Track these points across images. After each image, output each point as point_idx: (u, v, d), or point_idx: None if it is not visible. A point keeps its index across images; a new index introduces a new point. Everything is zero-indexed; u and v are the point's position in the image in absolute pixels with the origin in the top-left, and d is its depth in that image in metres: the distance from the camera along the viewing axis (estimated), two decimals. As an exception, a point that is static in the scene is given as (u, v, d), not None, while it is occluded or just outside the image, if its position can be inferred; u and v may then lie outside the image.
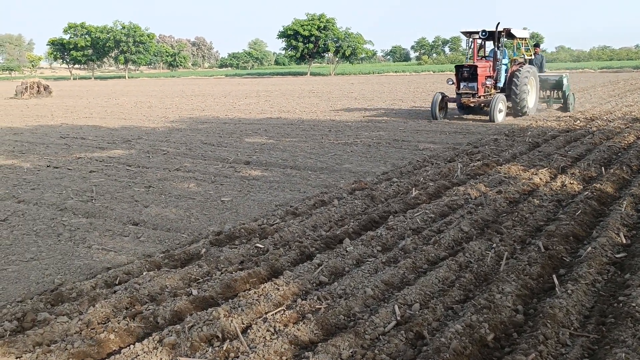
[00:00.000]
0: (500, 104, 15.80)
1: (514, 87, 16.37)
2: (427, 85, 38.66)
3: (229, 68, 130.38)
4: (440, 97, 16.81)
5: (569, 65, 69.20)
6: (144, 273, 4.76)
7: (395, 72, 72.74)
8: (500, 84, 16.75)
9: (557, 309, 3.73)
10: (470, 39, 17.30)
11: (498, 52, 16.69)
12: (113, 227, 6.42)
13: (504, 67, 16.94)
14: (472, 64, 16.59)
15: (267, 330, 3.67)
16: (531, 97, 17.24)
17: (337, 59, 78.60)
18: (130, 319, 3.86)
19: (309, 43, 74.08)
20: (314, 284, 4.46)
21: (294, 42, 74.53)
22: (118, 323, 3.79)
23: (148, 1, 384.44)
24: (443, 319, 3.84)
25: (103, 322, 3.90)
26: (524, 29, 18.02)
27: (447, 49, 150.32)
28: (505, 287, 4.10)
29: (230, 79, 74.62)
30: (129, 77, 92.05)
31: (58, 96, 36.56)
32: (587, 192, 6.65)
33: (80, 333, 3.74)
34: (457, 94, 16.69)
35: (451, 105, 17.34)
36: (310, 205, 6.87)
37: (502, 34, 16.29)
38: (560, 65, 71.72)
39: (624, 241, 5.18)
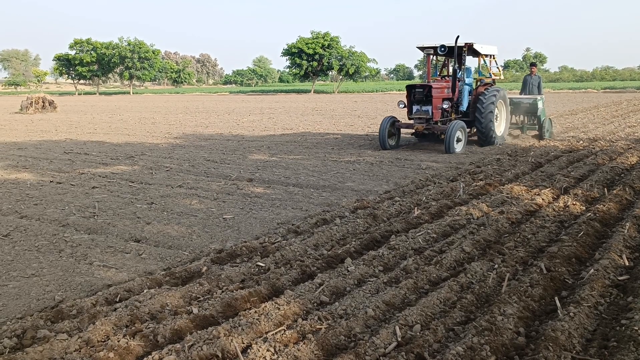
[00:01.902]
0: (459, 132, 13.52)
1: (478, 112, 14.30)
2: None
3: (233, 85, 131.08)
4: (390, 121, 14.46)
5: (571, 86, 69.48)
6: (145, 291, 4.75)
7: (399, 90, 72.86)
8: (463, 108, 14.70)
9: (559, 331, 3.71)
10: (430, 55, 15.05)
11: (458, 70, 14.59)
12: (115, 244, 6.42)
13: (467, 89, 14.80)
14: (425, 83, 14.29)
15: (267, 350, 3.65)
16: (500, 123, 15.17)
17: (340, 77, 78.93)
18: (130, 337, 3.84)
19: (313, 61, 74.48)
20: (315, 304, 4.45)
21: (298, 60, 74.92)
22: (118, 341, 3.77)
23: (154, 18, 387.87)
24: (444, 340, 3.82)
25: (103, 340, 3.88)
26: (491, 45, 15.74)
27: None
28: (507, 308, 4.08)
29: (234, 95, 74.98)
30: (133, 93, 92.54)
31: (63, 111, 36.75)
32: (589, 214, 6.64)
33: (80, 351, 3.73)
34: (409, 118, 14.53)
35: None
36: (312, 223, 6.86)
37: (464, 49, 14.30)
38: (563, 85, 72.01)
39: (627, 263, 5.16)
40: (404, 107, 14.58)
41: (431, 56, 15.12)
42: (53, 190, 9.45)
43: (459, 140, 13.55)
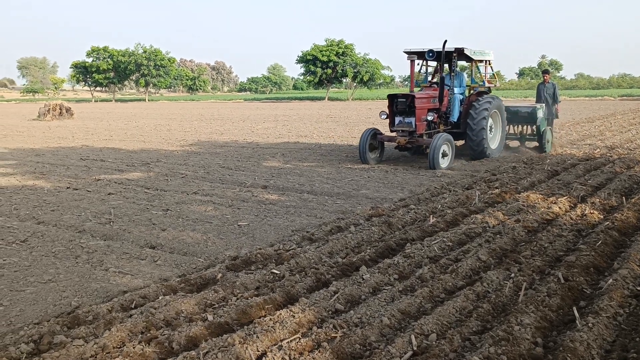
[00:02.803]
0: (445, 146, 12.21)
1: (469, 123, 13.17)
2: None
3: (248, 92, 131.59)
4: (371, 134, 13.14)
5: (588, 93, 68.93)
6: (160, 297, 4.76)
7: (413, 97, 72.82)
8: (453, 119, 13.53)
9: (578, 342, 3.66)
10: (414, 61, 13.35)
11: (447, 77, 13.75)
12: (130, 250, 6.45)
13: (457, 98, 13.61)
14: (408, 93, 12.87)
15: (282, 358, 3.64)
16: (495, 135, 14.01)
17: (355, 84, 78.95)
18: (145, 344, 3.85)
19: (328, 68, 74.59)
20: (330, 312, 4.43)
21: (312, 67, 75.06)
22: (133, 348, 3.78)
23: (170, 26, 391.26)
24: (460, 350, 3.79)
25: (118, 347, 3.89)
26: (483, 51, 14.33)
27: (465, 75, 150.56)
28: (524, 318, 4.04)
29: (249, 103, 75.29)
30: (149, 100, 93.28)
31: (79, 118, 37.13)
32: (607, 222, 6.57)
33: (96, 357, 3.74)
34: (391, 131, 13.29)
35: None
36: (327, 231, 6.85)
37: (453, 55, 13.21)
38: (580, 92, 71.47)
39: (646, 273, 5.08)
40: (386, 118, 13.23)
41: (415, 62, 13.68)
42: (70, 197, 9.53)
43: (445, 155, 12.22)
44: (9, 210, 8.51)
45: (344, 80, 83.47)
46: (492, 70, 14.68)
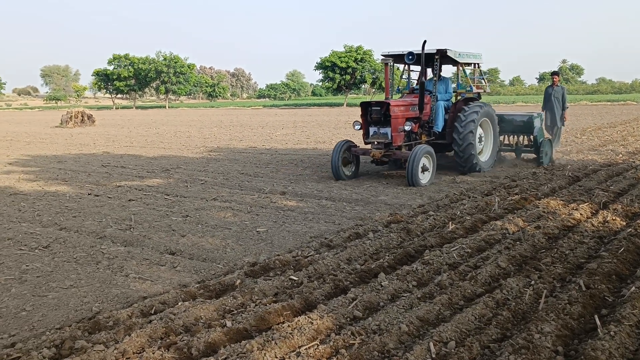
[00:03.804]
0: (425, 160, 10.92)
1: (456, 133, 11.86)
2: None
3: (267, 99, 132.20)
4: (344, 147, 11.80)
5: (610, 98, 68.10)
6: (180, 303, 4.80)
7: (432, 103, 72.47)
8: (438, 128, 12.15)
9: (600, 351, 3.61)
10: (388, 65, 12.21)
11: (429, 83, 12.57)
12: (150, 256, 6.51)
13: (441, 105, 12.19)
14: (382, 100, 11.64)
15: (300, 365, 3.64)
16: (486, 146, 12.71)
17: (373, 90, 78.92)
18: (165, 350, 3.88)
19: (346, 74, 74.67)
20: (348, 319, 4.42)
21: (331, 74, 75.20)
22: (153, 353, 3.82)
23: (189, 33, 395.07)
24: (479, 358, 3.76)
25: (138, 352, 3.93)
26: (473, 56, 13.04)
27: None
28: (544, 326, 3.99)
29: (268, 109, 75.64)
30: (169, 107, 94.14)
31: (101, 125, 37.62)
32: (630, 229, 6.47)
33: (116, 362, 3.78)
34: (365, 142, 11.93)
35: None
36: (345, 237, 6.85)
37: (435, 57, 11.99)
38: (601, 97, 70.65)
39: (670, 281, 5.00)
40: (359, 128, 11.82)
41: (393, 65, 12.83)
42: (91, 203, 9.65)
43: (425, 169, 10.96)
44: (32, 216, 8.64)
45: (363, 86, 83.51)
46: (482, 75, 13.50)
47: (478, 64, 13.25)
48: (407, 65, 13.13)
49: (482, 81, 13.42)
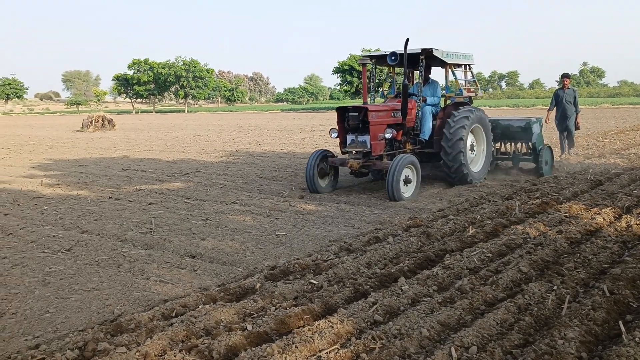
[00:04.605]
0: (407, 171, 9.96)
1: (444, 141, 10.87)
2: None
3: (285, 103, 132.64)
4: (320, 156, 10.85)
5: (632, 101, 67.24)
6: (200, 306, 4.82)
7: (451, 106, 71.95)
8: (425, 136, 11.17)
9: (624, 357, 3.55)
10: (365, 66, 10.67)
11: (415, 86, 11.72)
12: (171, 259, 6.56)
13: (428, 110, 11.23)
14: (359, 105, 10.43)
15: (321, 369, 3.63)
16: (478, 155, 11.73)
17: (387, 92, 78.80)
18: (186, 353, 3.90)
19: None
20: (369, 323, 4.41)
21: (349, 77, 75.35)
22: (174, 356, 3.84)
23: (209, 38, 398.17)
24: (502, 363, 3.72)
25: (160, 355, 3.95)
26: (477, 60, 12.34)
27: (503, 84, 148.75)
28: (567, 332, 3.94)
29: (286, 113, 75.85)
30: (188, 111, 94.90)
31: (121, 129, 38.01)
32: (654, 234, 6.37)
33: (138, 365, 3.80)
34: (342, 152, 10.91)
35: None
36: (365, 241, 6.83)
37: (421, 58, 11.00)
38: (623, 100, 69.78)
39: (696, 287, 4.91)
40: (336, 136, 10.78)
41: (372, 67, 12.02)
42: (112, 206, 9.75)
43: (408, 181, 9.98)
44: (54, 219, 8.75)
45: (380, 90, 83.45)
46: (474, 77, 12.44)
47: (469, 65, 12.24)
48: (391, 68, 12.41)
49: (474, 84, 12.48)
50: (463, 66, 12.16)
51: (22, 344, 4.33)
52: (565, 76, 14.96)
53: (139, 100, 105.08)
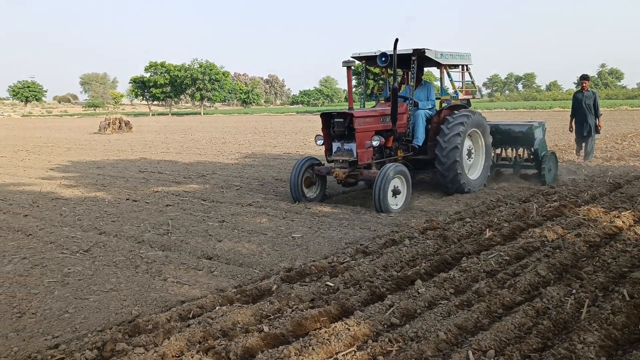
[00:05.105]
0: (397, 181, 9.21)
1: (438, 148, 10.15)
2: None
3: (300, 105, 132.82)
4: (306, 165, 10.15)
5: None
6: (217, 307, 4.84)
7: (467, 109, 71.41)
8: (418, 142, 10.45)
9: (645, 362, 3.51)
10: (350, 68, 9.72)
11: (406, 89, 10.99)
12: (188, 261, 6.59)
13: (422, 115, 10.53)
14: (344, 111, 9.72)
15: (338, 371, 3.63)
16: (476, 162, 11.00)
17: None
18: (203, 354, 3.92)
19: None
20: (385, 326, 4.40)
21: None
22: (191, 357, 3.86)
23: (224, 41, 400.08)
24: (520, 367, 3.69)
25: (177, 356, 3.98)
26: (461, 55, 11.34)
27: (520, 86, 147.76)
28: (587, 336, 3.90)
29: (302, 115, 75.96)
30: (204, 114, 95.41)
31: (138, 131, 38.31)
32: (675, 238, 6.29)
33: (156, 365, 3.83)
34: (327, 160, 10.23)
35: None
36: (381, 244, 6.82)
37: (413, 59, 10.29)
38: (642, 102, 68.87)
39: None
40: (322, 144, 10.14)
41: (361, 69, 11.30)
42: (129, 208, 9.83)
43: (397, 192, 9.22)
44: (72, 220, 8.84)
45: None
46: (472, 78, 11.70)
47: (466, 65, 11.51)
48: (384, 69, 11.67)
49: (473, 85, 11.79)
50: (460, 67, 11.50)
51: (42, 344, 4.37)
52: (584, 78, 14.40)
53: (155, 102, 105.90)
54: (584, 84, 14.21)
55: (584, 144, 14.68)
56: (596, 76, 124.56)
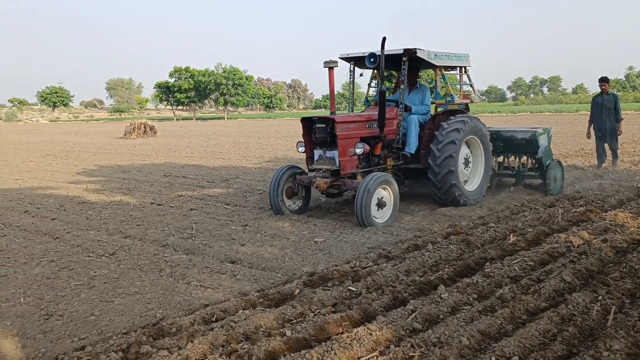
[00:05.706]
0: (382, 192, 8.54)
1: (431, 163, 9.36)
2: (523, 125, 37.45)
3: (323, 109, 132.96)
4: (287, 174, 9.55)
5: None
6: (240, 311, 4.88)
7: (491, 112, 71.05)
8: (410, 149, 9.69)
9: (673, 371, 3.45)
10: (333, 69, 9.34)
11: (397, 92, 10.24)
12: (211, 265, 6.64)
13: (414, 121, 9.80)
14: (326, 116, 9.06)
15: (360, 376, 3.63)
16: (474, 172, 10.20)
17: (431, 98, 78.18)
18: (226, 357, 3.95)
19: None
20: (408, 331, 4.38)
21: (387, 84, 74.78)
22: (215, 360, 3.89)
23: (248, 46, 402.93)
24: (544, 374, 3.65)
25: (200, 359, 4.01)
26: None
27: (545, 89, 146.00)
28: (613, 344, 3.84)
29: (324, 119, 75.88)
30: (227, 118, 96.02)
31: (162, 136, 38.71)
32: None
33: (179, 368, 3.87)
34: (309, 169, 9.59)
35: None
36: (404, 249, 6.80)
37: (403, 60, 9.46)
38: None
39: None
40: (303, 151, 9.51)
41: (350, 70, 10.76)
42: (154, 212, 9.94)
43: (382, 204, 8.54)
44: (98, 224, 8.97)
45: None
46: (470, 81, 10.86)
47: (464, 67, 10.64)
48: (374, 71, 10.88)
49: (471, 88, 11.02)
50: (460, 69, 10.65)
51: (69, 345, 4.45)
52: (603, 80, 13.55)
53: (179, 107, 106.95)
54: (604, 87, 13.52)
55: (607, 152, 14.03)
56: (624, 79, 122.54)
